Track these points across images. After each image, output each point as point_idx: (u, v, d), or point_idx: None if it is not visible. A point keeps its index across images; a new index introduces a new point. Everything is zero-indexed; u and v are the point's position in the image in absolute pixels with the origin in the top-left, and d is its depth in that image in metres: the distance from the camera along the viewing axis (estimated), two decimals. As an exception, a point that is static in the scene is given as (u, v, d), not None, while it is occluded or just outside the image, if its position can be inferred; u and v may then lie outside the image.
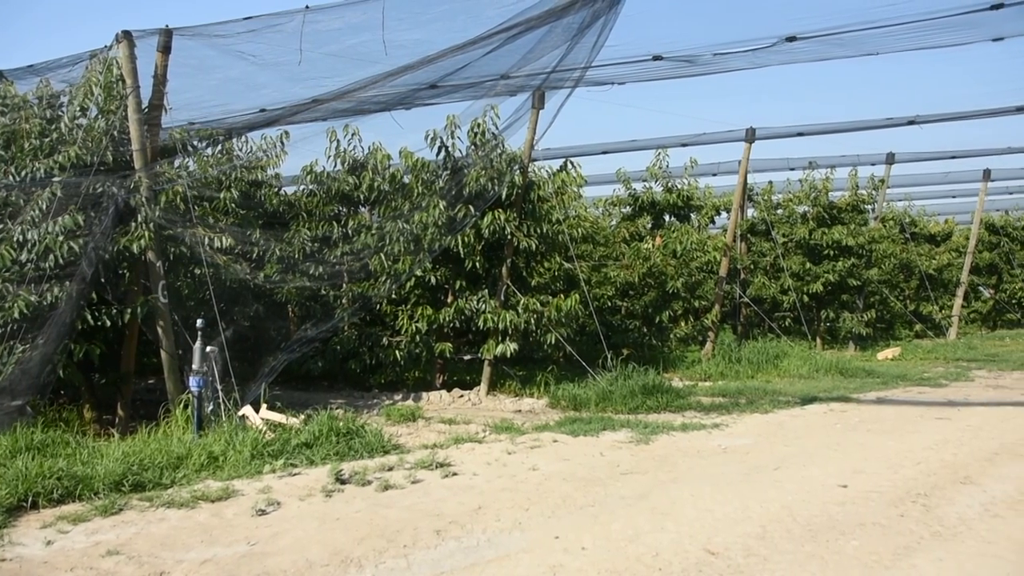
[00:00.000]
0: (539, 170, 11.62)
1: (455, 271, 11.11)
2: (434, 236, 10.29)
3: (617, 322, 13.85)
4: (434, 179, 10.94)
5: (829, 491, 6.05)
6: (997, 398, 10.77)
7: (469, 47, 7.60)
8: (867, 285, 17.52)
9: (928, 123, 14.71)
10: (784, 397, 10.60)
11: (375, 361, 11.13)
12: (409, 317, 10.83)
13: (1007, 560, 4.61)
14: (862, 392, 11.23)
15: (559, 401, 10.31)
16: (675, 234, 14.45)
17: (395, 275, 10.41)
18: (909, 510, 5.56)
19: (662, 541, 4.94)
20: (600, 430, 8.44)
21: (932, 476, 6.46)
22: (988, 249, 23.68)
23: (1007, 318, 24.41)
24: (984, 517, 5.40)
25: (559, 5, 6.73)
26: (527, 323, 10.64)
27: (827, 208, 17.19)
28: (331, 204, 11.67)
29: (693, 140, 15.70)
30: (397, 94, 9.18)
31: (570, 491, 6.13)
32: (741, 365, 13.39)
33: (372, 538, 5.04)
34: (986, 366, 14.63)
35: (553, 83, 9.22)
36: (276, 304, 11.27)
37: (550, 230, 11.22)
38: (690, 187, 15.46)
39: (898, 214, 21.54)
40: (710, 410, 9.77)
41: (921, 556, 4.68)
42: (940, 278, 21.44)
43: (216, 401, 7.89)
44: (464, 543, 4.98)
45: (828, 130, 15.61)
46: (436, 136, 10.80)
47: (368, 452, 7.27)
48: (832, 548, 4.81)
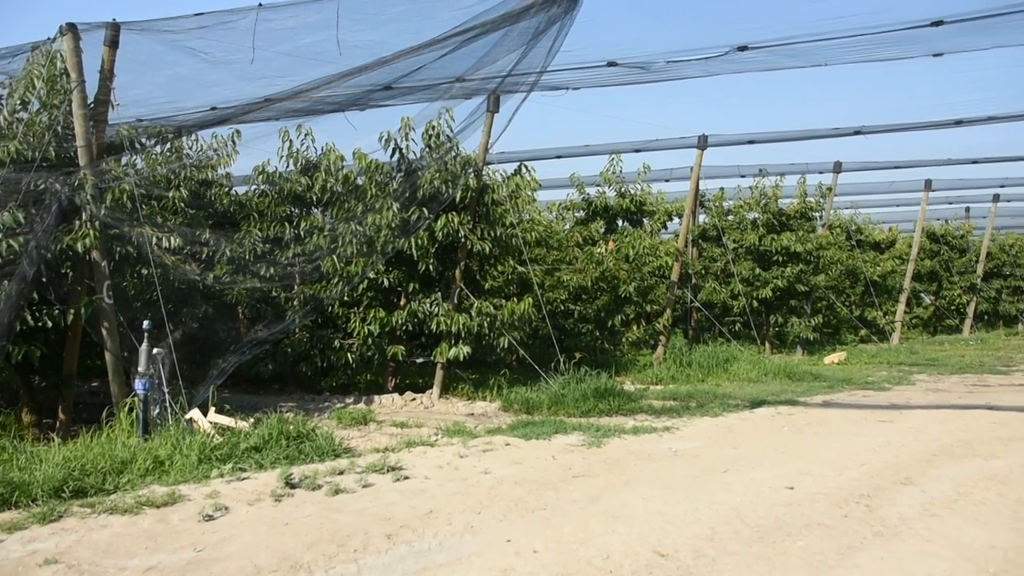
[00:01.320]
0: (493, 173, 11.63)
1: (408, 273, 11.06)
2: (387, 238, 10.22)
3: (570, 326, 13.91)
4: (388, 181, 10.87)
5: (776, 493, 6.15)
6: (936, 401, 11.08)
7: (424, 49, 7.57)
8: (815, 291, 17.88)
9: (873, 134, 15.12)
10: (733, 401, 10.75)
11: (327, 364, 11.02)
12: (361, 319, 10.75)
13: (944, 558, 4.74)
14: (809, 396, 11.45)
15: (512, 404, 10.31)
16: (628, 239, 14.57)
17: (348, 277, 10.31)
18: (853, 511, 5.68)
19: (613, 543, 4.97)
20: (552, 433, 8.47)
21: (875, 477, 6.62)
22: (929, 257, 24.35)
23: (946, 324, 25.13)
24: (923, 517, 5.55)
25: (515, 9, 6.75)
26: (480, 326, 10.64)
27: (776, 215, 17.50)
28: (283, 205, 11.52)
29: (646, 146, 15.87)
30: (351, 95, 9.11)
31: (522, 494, 6.14)
32: (692, 369, 13.55)
33: (322, 543, 4.99)
34: (926, 370, 15.03)
35: (508, 87, 9.24)
36: (226, 305, 11.09)
37: (504, 233, 11.23)
38: (643, 192, 15.61)
39: (844, 222, 22.02)
40: (661, 413, 9.87)
41: (864, 555, 4.79)
42: (884, 284, 21.98)
43: (163, 404, 7.72)
44: (415, 547, 4.95)
45: (778, 138, 15.92)
46: (390, 138, 10.73)
47: (319, 456, 7.19)
48: (779, 549, 4.89)
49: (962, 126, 14.15)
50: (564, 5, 6.81)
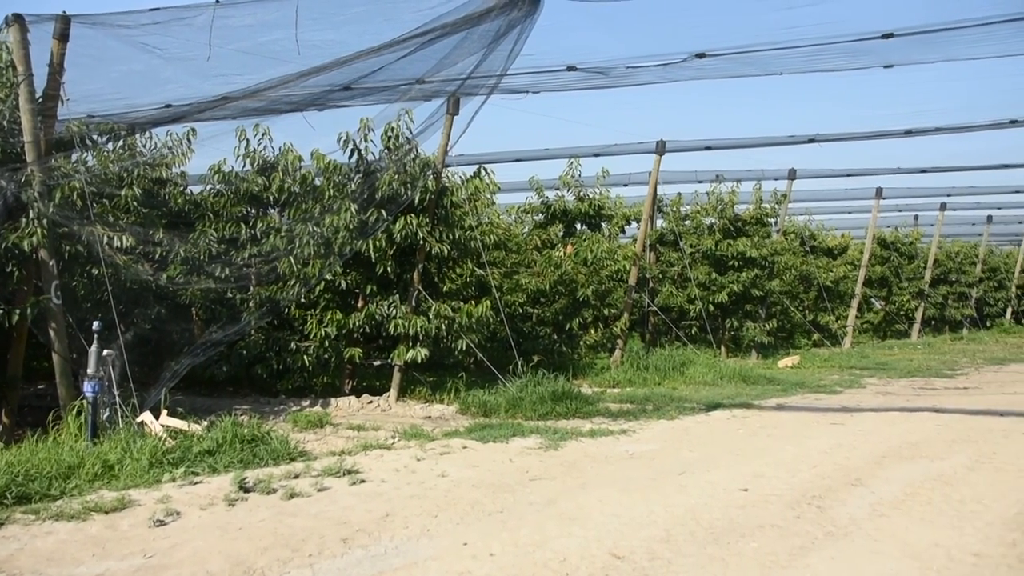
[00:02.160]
0: (453, 176, 11.60)
1: (366, 276, 10.98)
2: (345, 240, 10.14)
3: (528, 329, 13.94)
4: (346, 182, 10.78)
5: (731, 495, 6.23)
6: (886, 404, 11.33)
7: (384, 50, 7.53)
8: (769, 296, 18.16)
9: (827, 142, 15.42)
10: (689, 404, 10.87)
11: (283, 366, 10.88)
12: (318, 322, 10.64)
13: (892, 557, 4.85)
14: (763, 399, 11.63)
15: (469, 407, 10.30)
16: (586, 242, 14.65)
17: (304, 279, 10.20)
18: (805, 512, 5.78)
19: (569, 546, 4.99)
20: (510, 436, 8.48)
21: (826, 479, 6.74)
22: (880, 263, 24.89)
23: (896, 328, 25.71)
24: (872, 517, 5.67)
25: (476, 12, 6.74)
26: (438, 329, 10.60)
27: (733, 220, 17.73)
28: (239, 205, 11.36)
29: (605, 150, 15.97)
30: (310, 95, 9.02)
31: (479, 497, 6.13)
32: (649, 372, 13.67)
33: (276, 548, 4.92)
34: (877, 374, 15.36)
35: (468, 89, 9.23)
36: (180, 306, 10.90)
37: (463, 236, 11.21)
38: (602, 197, 15.70)
39: (799, 228, 22.39)
40: (618, 416, 9.94)
41: (815, 555, 4.87)
42: (836, 290, 22.39)
43: (113, 407, 7.56)
44: (371, 551, 4.92)
45: (735, 145, 16.13)
46: (349, 139, 10.65)
47: (274, 459, 7.10)
48: (733, 550, 4.96)
49: (912, 136, 14.49)
50: (525, 9, 6.82)
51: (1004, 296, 30.36)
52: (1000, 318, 30.09)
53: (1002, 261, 31.13)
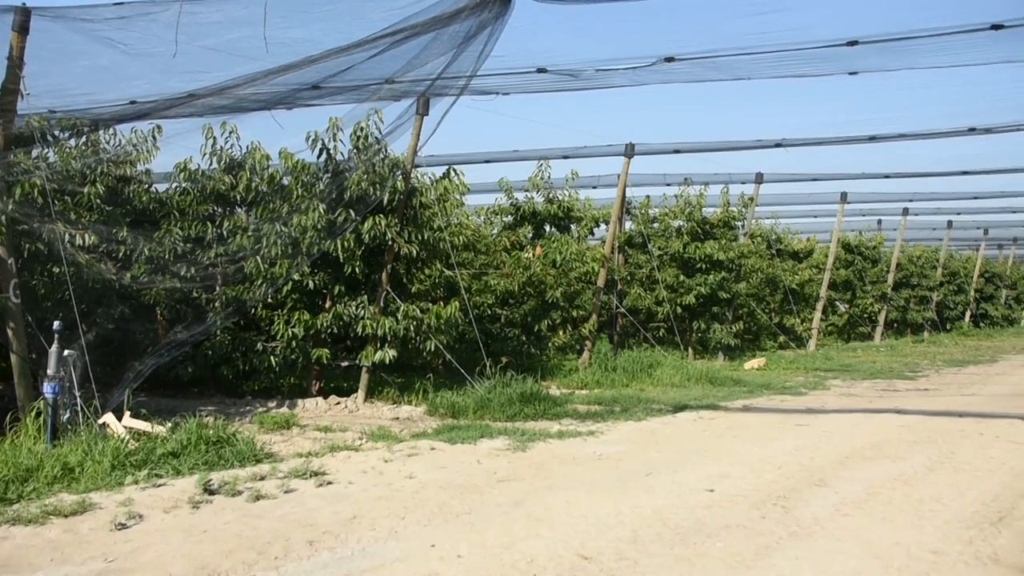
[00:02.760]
0: (422, 176, 11.57)
1: (334, 276, 10.90)
2: (313, 240, 10.06)
3: (497, 330, 13.93)
4: (314, 182, 10.70)
5: (697, 495, 6.28)
6: (849, 405, 11.50)
7: (354, 49, 7.48)
8: (736, 298, 18.33)
9: (793, 146, 15.60)
10: (657, 405, 10.94)
11: (249, 367, 10.76)
12: (285, 322, 10.54)
13: (854, 556, 4.93)
14: (730, 400, 11.74)
15: (437, 408, 10.27)
16: (555, 244, 14.68)
17: (272, 279, 10.10)
18: (770, 512, 5.84)
19: (537, 547, 5.00)
20: (478, 438, 8.47)
21: (791, 479, 6.82)
22: (844, 266, 25.26)
23: (859, 331, 26.11)
24: (835, 517, 5.75)
25: (446, 13, 6.72)
26: (407, 330, 10.56)
27: (700, 223, 17.89)
28: (206, 204, 11.21)
29: (575, 153, 16.03)
30: (278, 93, 8.94)
31: (447, 499, 6.12)
32: (616, 374, 13.73)
33: (241, 550, 4.87)
34: (841, 376, 15.59)
35: (438, 90, 9.20)
36: (144, 306, 10.72)
37: (431, 237, 11.18)
38: (571, 199, 15.75)
39: (765, 231, 22.65)
40: (586, 418, 9.97)
41: (779, 555, 4.93)
42: (802, 293, 22.68)
43: (73, 409, 7.43)
44: (338, 553, 4.88)
45: (703, 148, 16.29)
46: (318, 138, 10.57)
47: (239, 461, 7.03)
48: (699, 550, 5.00)
49: (875, 142, 14.74)
50: (495, 10, 6.82)
51: (963, 300, 30.99)
52: (959, 321, 30.71)
53: (961, 265, 31.77)
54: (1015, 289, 35.97)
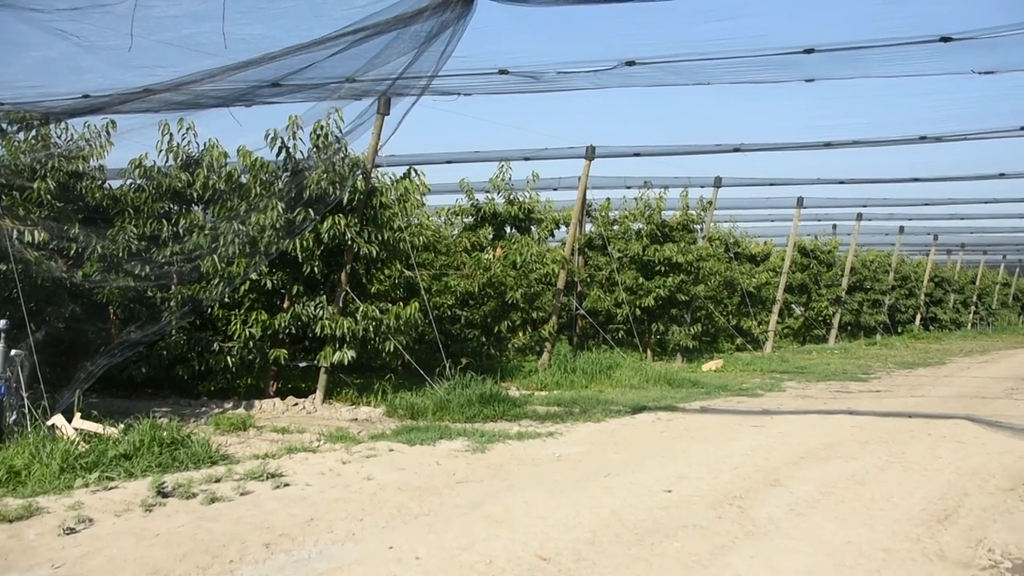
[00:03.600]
0: (382, 176, 11.50)
1: (293, 276, 10.79)
2: (271, 239, 9.94)
3: (456, 331, 13.91)
4: (273, 180, 10.57)
5: (655, 496, 6.34)
6: (804, 407, 11.69)
7: (314, 47, 7.41)
8: (695, 300, 18.53)
9: (751, 151, 15.83)
10: (616, 406, 11.01)
11: (205, 367, 10.60)
12: (243, 322, 10.40)
13: (807, 554, 5.01)
14: (687, 402, 11.86)
15: (396, 410, 10.22)
16: (515, 246, 14.70)
17: (229, 278, 9.96)
18: (726, 512, 5.92)
19: (495, 549, 5.00)
20: (437, 439, 8.44)
21: (747, 480, 6.92)
22: (800, 270, 25.68)
23: (814, 333, 26.57)
24: (790, 516, 5.84)
25: (408, 12, 6.69)
26: (366, 330, 10.48)
27: (660, 226, 18.04)
28: (161, 201, 11.01)
29: (536, 154, 16.05)
30: (237, 90, 8.81)
31: (405, 500, 6.09)
32: (576, 375, 13.79)
33: (195, 554, 4.79)
34: (796, 377, 15.84)
35: (399, 89, 9.16)
36: (96, 305, 10.48)
37: (391, 237, 11.12)
38: (531, 200, 15.78)
39: (723, 234, 22.92)
40: (545, 419, 10.00)
41: (735, 554, 4.99)
42: (759, 295, 23.01)
43: (21, 410, 7.24)
44: (295, 556, 4.83)
45: (663, 152, 16.44)
46: (277, 136, 10.45)
47: (194, 463, 6.91)
48: (656, 550, 5.04)
49: (831, 148, 15.00)
50: (457, 11, 6.81)
51: (914, 303, 31.72)
52: (910, 324, 31.43)
53: (912, 270, 32.54)
54: (962, 293, 36.94)
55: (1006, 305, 42.82)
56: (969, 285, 37.89)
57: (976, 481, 7.03)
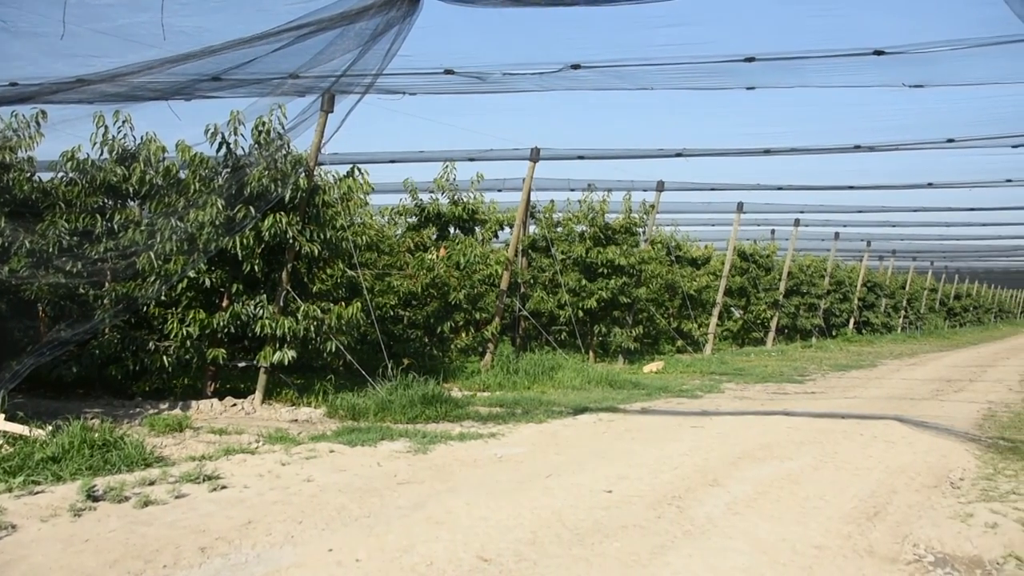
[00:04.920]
0: (325, 174, 11.36)
1: (232, 274, 10.59)
2: (210, 236, 9.73)
3: (399, 331, 13.82)
4: (213, 176, 10.35)
5: (596, 496, 6.39)
6: (742, 408, 11.93)
7: (256, 42, 7.27)
8: (636, 303, 18.74)
9: (693, 156, 16.08)
10: (558, 407, 11.07)
11: (140, 367, 10.32)
12: (180, 321, 10.16)
13: (744, 552, 5.11)
14: (629, 403, 11.99)
15: (337, 410, 10.10)
16: (459, 246, 14.68)
17: (165, 275, 9.72)
18: (665, 512, 6.00)
19: (436, 550, 4.98)
20: (378, 440, 8.38)
21: (686, 480, 7.02)
22: (739, 274, 26.19)
23: (753, 336, 27.13)
24: (727, 515, 5.95)
25: (353, 9, 6.62)
26: (307, 330, 10.34)
27: (603, 229, 18.20)
28: (95, 195, 10.68)
29: (481, 155, 16.05)
30: (176, 83, 8.60)
31: (346, 502, 6.02)
32: (518, 376, 13.83)
33: (127, 560, 4.66)
34: (735, 379, 16.15)
35: (343, 87, 9.05)
36: (24, 302, 10.12)
37: (334, 236, 10.99)
38: (476, 201, 15.78)
39: (665, 238, 23.22)
40: (487, 420, 10.00)
41: (674, 554, 5.06)
42: (699, 298, 23.39)
43: (-58, 410, 6.95)
44: (231, 560, 4.74)
45: (607, 155, 16.59)
46: (217, 131, 10.24)
47: (127, 466, 6.72)
48: (597, 550, 5.08)
49: (770, 155, 15.36)
50: (403, 9, 6.76)
51: (848, 308, 32.65)
52: (844, 328, 32.33)
53: (847, 275, 33.47)
54: (893, 298, 38.15)
55: (933, 310, 44.36)
56: (899, 290, 39.14)
57: (903, 479, 7.27)
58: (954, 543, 5.42)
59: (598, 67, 8.62)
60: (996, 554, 5.22)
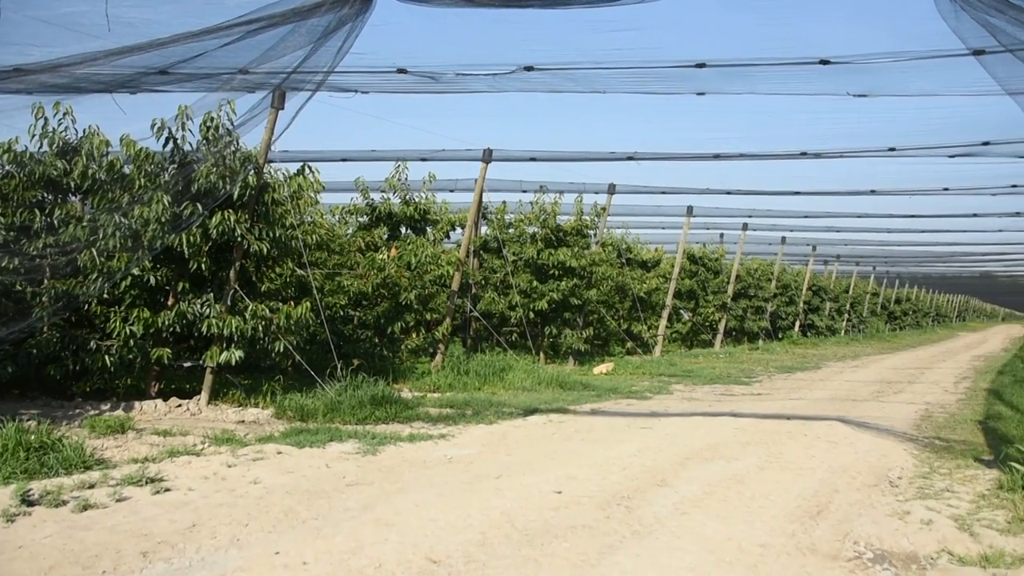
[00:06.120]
0: (275, 172, 11.20)
1: (178, 272, 10.37)
2: (156, 233, 9.52)
3: (349, 332, 13.70)
4: (159, 172, 10.14)
5: (545, 497, 6.41)
6: (690, 409, 12.08)
7: (206, 36, 7.15)
8: (587, 304, 18.86)
9: (644, 160, 16.24)
10: (508, 408, 11.08)
11: (80, 367, 10.03)
12: (123, 319, 9.91)
13: (691, 551, 5.18)
14: (579, 404, 12.06)
15: (286, 411, 9.97)
16: (411, 246, 14.60)
17: (108, 273, 9.48)
18: (614, 512, 6.05)
19: (385, 552, 4.95)
20: (327, 441, 8.29)
21: (635, 480, 7.09)
22: (689, 277, 26.52)
23: (701, 338, 27.51)
24: (675, 515, 6.03)
25: (305, 5, 6.55)
26: (255, 330, 10.18)
27: (555, 231, 18.28)
28: (34, 189, 10.36)
29: (433, 155, 15.98)
30: (121, 75, 8.39)
31: (293, 504, 5.95)
32: (469, 377, 13.81)
33: (64, 566, 4.53)
34: (683, 381, 16.35)
35: (294, 84, 8.95)
36: (-44, 299, 9.79)
37: (283, 235, 10.85)
38: (427, 201, 15.69)
39: (616, 240, 23.39)
40: (438, 421, 9.97)
41: (622, 553, 5.11)
42: (649, 301, 23.61)
43: None
44: (175, 564, 4.64)
45: (559, 158, 16.66)
46: (164, 126, 10.02)
47: (65, 468, 6.53)
48: (546, 551, 5.10)
49: (719, 160, 15.57)
50: (356, 7, 6.70)
51: (794, 311, 33.32)
52: (790, 331, 32.97)
53: (793, 279, 34.15)
54: (837, 302, 39.06)
55: (875, 313, 45.51)
56: (843, 294, 40.08)
57: (845, 478, 7.44)
58: (892, 540, 5.57)
59: (551, 69, 8.66)
60: (930, 549, 5.37)
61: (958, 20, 5.65)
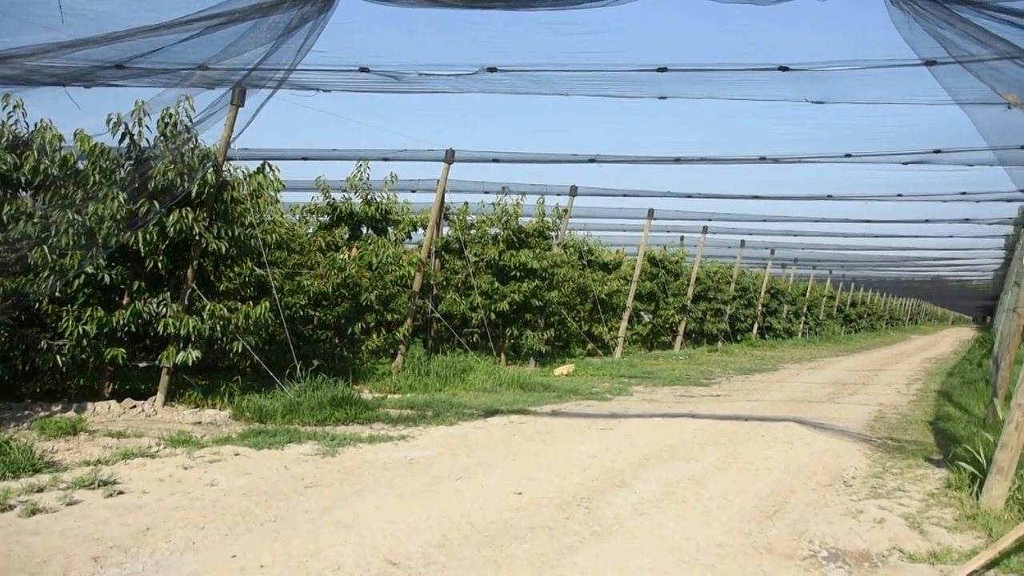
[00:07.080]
0: (235, 170, 11.06)
1: (134, 270, 10.18)
2: (111, 231, 9.33)
3: (309, 332, 13.57)
4: (115, 168, 9.93)
5: (505, 498, 6.42)
6: (650, 410, 12.18)
7: (164, 30, 7.03)
8: (548, 306, 18.92)
9: (606, 163, 16.34)
10: (469, 410, 11.07)
11: (30, 367, 9.78)
12: (76, 318, 9.70)
13: (649, 551, 5.22)
14: (539, 405, 12.09)
15: (244, 412, 9.84)
16: (372, 246, 14.51)
17: (60, 271, 9.26)
18: (574, 513, 6.07)
19: (344, 554, 4.91)
20: (286, 442, 8.21)
21: (595, 481, 7.13)
22: (649, 279, 26.74)
23: (662, 340, 27.75)
24: (634, 516, 6.07)
25: (266, 2, 6.47)
26: (213, 330, 10.04)
27: (516, 232, 18.30)
28: (-18, 185, 10.10)
29: (395, 155, 15.91)
30: (76, 69, 8.21)
31: (250, 507, 5.87)
32: (430, 378, 13.76)
33: (10, 572, 4.42)
34: (643, 382, 16.48)
35: (255, 81, 8.84)
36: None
37: (243, 234, 10.71)
38: (389, 201, 15.60)
39: (578, 242, 23.51)
40: (398, 422, 9.92)
41: (582, 554, 5.13)
42: (610, 302, 23.75)
43: None
44: (127, 569, 4.55)
45: (521, 159, 16.69)
46: (120, 121, 9.82)
47: (13, 472, 6.38)
48: (506, 552, 5.10)
49: (680, 164, 15.74)
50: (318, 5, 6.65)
51: (752, 313, 33.77)
52: (748, 333, 33.40)
53: (751, 282, 34.61)
54: (795, 305, 39.66)
55: (831, 316, 46.31)
56: (800, 297, 40.73)
57: (801, 479, 7.56)
58: (846, 538, 5.67)
59: (514, 71, 8.67)
60: (882, 547, 5.49)
61: (911, 31, 5.79)
